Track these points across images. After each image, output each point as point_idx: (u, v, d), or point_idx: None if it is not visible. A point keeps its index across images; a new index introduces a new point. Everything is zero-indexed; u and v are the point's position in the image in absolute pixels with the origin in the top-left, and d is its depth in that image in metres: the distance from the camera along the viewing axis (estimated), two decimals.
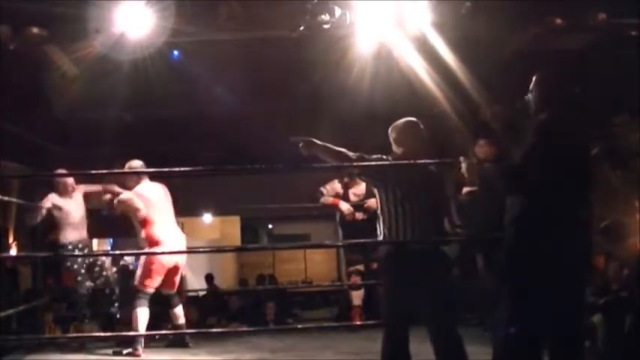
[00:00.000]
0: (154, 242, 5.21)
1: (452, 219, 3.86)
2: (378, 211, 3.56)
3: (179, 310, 5.48)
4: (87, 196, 5.81)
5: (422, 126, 3.63)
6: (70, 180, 5.65)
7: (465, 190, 4.97)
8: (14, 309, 6.04)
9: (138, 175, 5.29)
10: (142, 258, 5.31)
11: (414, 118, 3.65)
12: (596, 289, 5.40)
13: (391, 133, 3.66)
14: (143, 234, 5.25)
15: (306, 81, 5.66)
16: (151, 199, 5.30)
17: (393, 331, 3.45)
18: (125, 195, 5.27)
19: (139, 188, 5.30)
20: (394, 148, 3.64)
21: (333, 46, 4.96)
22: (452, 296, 3.50)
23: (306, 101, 6.37)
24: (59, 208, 5.58)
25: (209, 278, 10.52)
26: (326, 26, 4.74)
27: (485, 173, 3.61)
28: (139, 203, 5.23)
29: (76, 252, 5.62)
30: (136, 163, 5.32)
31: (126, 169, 5.33)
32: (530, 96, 3.24)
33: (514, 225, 3.12)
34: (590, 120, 3.74)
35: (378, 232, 3.56)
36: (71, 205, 5.67)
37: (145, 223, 5.25)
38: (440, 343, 3.40)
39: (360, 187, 6.08)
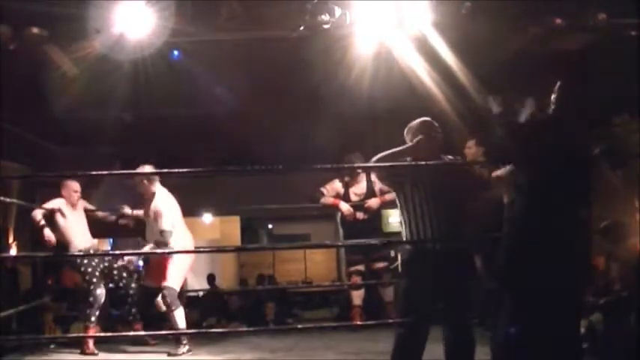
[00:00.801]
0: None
1: None
2: (400, 213, 3.57)
3: None
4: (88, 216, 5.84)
5: (437, 125, 3.64)
6: (76, 188, 5.61)
7: None
8: (14, 309, 6.04)
9: (150, 180, 5.36)
10: (175, 259, 5.41)
11: (428, 118, 3.66)
12: (597, 289, 5.40)
13: (407, 135, 3.67)
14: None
15: (306, 81, 5.65)
16: (175, 202, 5.49)
17: (413, 331, 3.42)
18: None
19: (166, 191, 5.44)
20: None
21: (333, 46, 4.96)
22: (471, 296, 3.50)
23: (306, 101, 6.36)
24: (64, 215, 5.54)
25: (211, 279, 10.50)
26: (326, 26, 4.74)
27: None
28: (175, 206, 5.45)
29: (90, 264, 5.50)
30: (149, 169, 5.38)
31: (140, 175, 5.40)
32: (553, 97, 3.24)
33: (514, 225, 3.12)
34: (591, 120, 3.74)
35: (402, 234, 3.56)
36: (76, 214, 5.63)
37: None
38: (453, 343, 3.40)
39: (361, 186, 6.08)
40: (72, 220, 5.56)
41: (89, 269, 5.44)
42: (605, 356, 4.69)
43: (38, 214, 5.51)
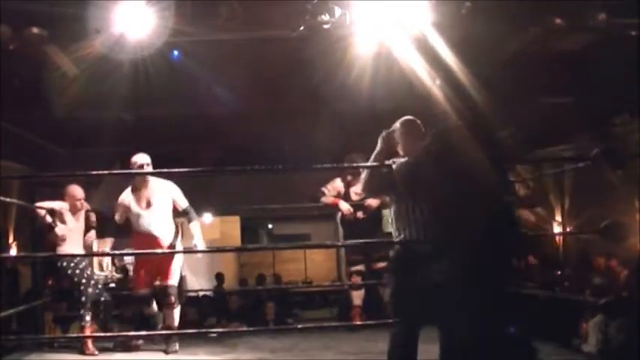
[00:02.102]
0: None
1: None
2: (390, 213, 3.57)
3: None
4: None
5: (419, 123, 3.64)
6: (79, 197, 5.58)
7: None
8: (14, 309, 6.03)
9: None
10: (180, 260, 5.52)
11: (410, 117, 3.66)
12: (596, 289, 5.40)
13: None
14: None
15: (306, 81, 5.65)
16: None
17: (401, 332, 3.42)
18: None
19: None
20: (398, 149, 3.65)
21: (333, 46, 4.96)
22: (461, 297, 3.48)
23: (306, 101, 6.37)
24: (64, 222, 5.51)
25: (220, 278, 10.41)
26: (326, 26, 4.74)
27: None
28: None
29: (77, 267, 5.49)
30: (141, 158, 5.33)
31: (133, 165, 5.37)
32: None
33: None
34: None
35: (393, 235, 3.56)
36: (75, 224, 5.58)
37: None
38: (445, 344, 3.40)
39: None
40: (70, 229, 5.51)
41: (77, 271, 5.43)
42: (605, 356, 4.69)
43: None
